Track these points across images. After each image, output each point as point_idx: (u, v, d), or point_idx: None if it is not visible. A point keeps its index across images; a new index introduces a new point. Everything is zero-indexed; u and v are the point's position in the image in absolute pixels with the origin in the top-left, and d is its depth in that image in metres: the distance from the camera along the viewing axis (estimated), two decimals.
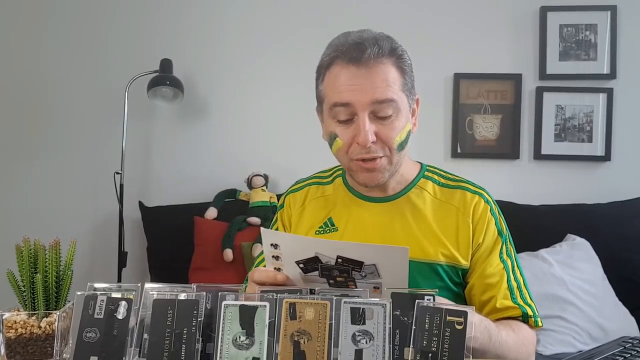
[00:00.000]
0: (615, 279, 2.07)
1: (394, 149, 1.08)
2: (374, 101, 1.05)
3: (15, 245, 0.92)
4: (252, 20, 2.55)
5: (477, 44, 2.48)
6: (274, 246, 0.91)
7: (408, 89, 1.11)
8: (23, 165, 2.60)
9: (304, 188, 1.27)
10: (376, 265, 0.86)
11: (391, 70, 1.07)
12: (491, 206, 1.16)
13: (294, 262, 0.90)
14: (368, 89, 1.04)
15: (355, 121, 1.07)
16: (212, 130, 2.56)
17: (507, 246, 1.15)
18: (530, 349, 1.08)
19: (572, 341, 1.88)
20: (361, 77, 1.05)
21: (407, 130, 1.11)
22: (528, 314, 1.09)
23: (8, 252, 1.00)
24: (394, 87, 1.06)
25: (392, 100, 1.06)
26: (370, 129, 1.05)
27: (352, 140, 1.08)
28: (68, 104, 2.59)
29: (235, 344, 0.75)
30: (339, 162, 1.17)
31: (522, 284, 1.13)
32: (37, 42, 2.60)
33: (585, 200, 2.34)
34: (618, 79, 2.43)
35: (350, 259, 0.86)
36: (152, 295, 0.79)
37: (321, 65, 1.12)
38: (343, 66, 1.06)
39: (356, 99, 1.05)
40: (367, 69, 1.05)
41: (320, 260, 0.88)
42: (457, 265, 1.11)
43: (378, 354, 0.74)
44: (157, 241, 2.41)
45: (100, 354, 0.77)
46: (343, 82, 1.06)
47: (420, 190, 1.18)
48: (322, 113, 1.15)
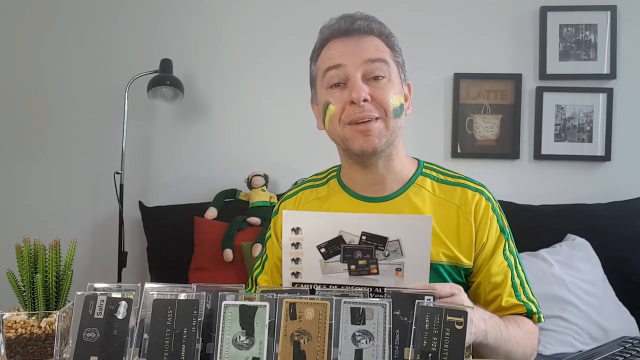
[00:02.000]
0: (615, 279, 2.07)
1: (389, 111, 1.07)
2: (365, 60, 1.06)
3: (15, 245, 0.92)
4: (252, 20, 2.55)
5: (477, 44, 2.48)
6: (294, 231, 0.91)
7: (399, 64, 1.13)
8: (23, 165, 2.60)
9: (297, 193, 1.25)
10: (400, 241, 0.87)
11: (380, 43, 1.10)
12: (492, 203, 1.15)
13: (315, 246, 0.90)
14: (359, 51, 1.07)
15: (348, 86, 1.07)
16: (212, 130, 2.56)
17: (509, 243, 1.15)
18: (534, 342, 1.09)
19: (572, 341, 1.88)
20: (351, 44, 1.08)
21: (401, 100, 1.11)
22: (532, 310, 1.10)
23: (8, 252, 1.00)
24: (384, 53, 1.09)
25: (383, 60, 1.08)
26: (364, 88, 1.05)
27: (345, 105, 1.07)
28: (68, 104, 2.59)
29: (235, 344, 0.75)
30: (333, 136, 1.13)
31: (525, 280, 1.14)
32: (37, 42, 2.60)
33: (585, 200, 2.34)
34: (618, 79, 2.43)
35: (375, 234, 0.87)
36: (152, 295, 0.79)
37: (314, 49, 1.15)
38: (335, 40, 1.10)
39: (347, 60, 1.06)
40: (357, 37, 1.08)
41: (344, 240, 0.88)
42: (459, 265, 1.11)
43: (378, 354, 0.74)
44: (157, 241, 2.41)
45: (100, 354, 0.77)
46: (334, 49, 1.09)
47: (419, 189, 1.15)
48: (316, 96, 1.15)
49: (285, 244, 0.93)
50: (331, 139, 1.15)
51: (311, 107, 1.20)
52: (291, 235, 0.91)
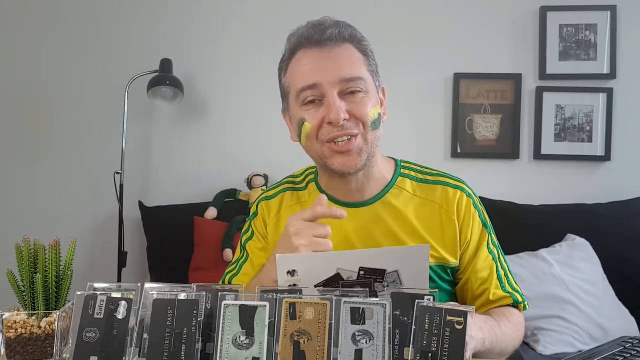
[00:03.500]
0: (615, 279, 2.07)
1: (368, 126, 1.04)
2: (341, 79, 1.02)
3: (15, 245, 0.92)
4: (252, 20, 2.55)
5: (477, 44, 2.48)
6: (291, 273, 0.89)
7: (373, 72, 1.08)
8: (23, 165, 2.60)
9: (277, 195, 1.22)
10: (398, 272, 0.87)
11: (353, 51, 1.06)
12: (473, 199, 1.15)
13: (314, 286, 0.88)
14: (334, 68, 1.02)
15: (324, 103, 1.03)
16: (212, 130, 2.56)
17: (492, 236, 1.16)
18: (522, 331, 1.11)
19: (572, 341, 1.88)
20: (325, 57, 1.03)
21: (378, 111, 1.07)
22: (518, 300, 1.12)
23: (8, 252, 1.00)
24: (359, 66, 1.05)
25: (360, 78, 1.04)
26: (342, 106, 1.02)
27: (322, 122, 1.03)
28: (68, 104, 2.59)
29: (235, 344, 0.75)
30: (310, 152, 1.11)
31: (508, 270, 1.15)
32: (38, 42, 2.60)
33: (585, 200, 2.34)
34: (618, 79, 2.43)
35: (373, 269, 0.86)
36: (152, 295, 0.79)
37: (282, 59, 1.10)
38: (305, 51, 1.05)
39: (323, 78, 1.02)
40: (329, 48, 1.04)
41: (342, 277, 0.87)
42: (446, 264, 1.11)
43: (378, 354, 0.74)
44: (157, 241, 2.41)
45: (100, 354, 0.77)
46: (306, 64, 1.04)
47: (400, 191, 1.14)
48: (289, 108, 1.11)
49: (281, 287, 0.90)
50: (307, 154, 1.12)
51: (283, 117, 1.17)
52: (287, 277, 0.89)
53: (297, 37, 1.06)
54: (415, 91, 2.47)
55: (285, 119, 1.16)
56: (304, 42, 1.05)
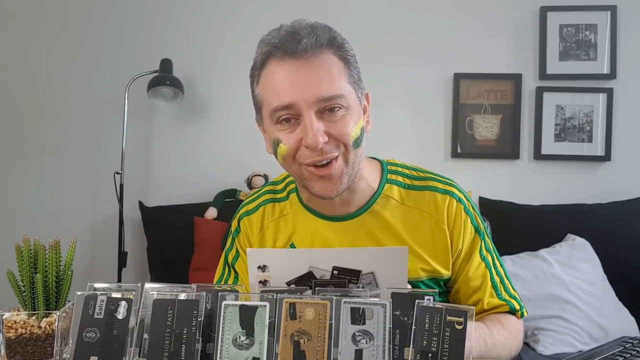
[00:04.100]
0: (615, 279, 2.07)
1: (349, 146, 0.95)
2: (319, 99, 0.92)
3: (15, 245, 0.92)
4: (252, 20, 2.55)
5: (477, 44, 2.48)
6: (261, 268, 0.86)
7: (355, 82, 0.98)
8: (23, 165, 2.60)
9: (258, 209, 1.13)
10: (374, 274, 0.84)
11: (333, 60, 0.95)
12: (464, 204, 1.07)
13: (285, 283, 0.86)
14: (311, 85, 0.92)
15: (300, 122, 0.94)
16: (212, 130, 2.56)
17: (485, 241, 1.09)
18: (519, 339, 1.07)
19: (572, 341, 1.88)
20: (300, 71, 0.92)
21: (361, 126, 0.98)
22: (515, 307, 1.08)
23: (8, 252, 1.00)
24: (339, 80, 0.94)
25: (340, 95, 0.94)
26: (320, 129, 0.92)
27: (299, 145, 0.95)
28: (68, 104, 2.59)
29: (235, 344, 0.75)
30: (288, 171, 1.03)
31: (504, 276, 1.10)
32: (38, 42, 2.60)
33: (585, 200, 2.34)
34: (618, 79, 2.43)
35: (347, 269, 0.83)
36: (152, 295, 0.79)
37: (254, 66, 1.00)
38: (278, 61, 0.94)
39: (299, 97, 0.92)
40: (305, 60, 0.92)
41: (315, 275, 0.85)
42: (438, 277, 1.06)
43: (378, 354, 0.74)
44: (157, 241, 2.41)
45: (100, 354, 0.77)
46: (281, 79, 0.94)
47: (387, 199, 1.06)
48: (262, 121, 1.03)
49: (252, 282, 0.87)
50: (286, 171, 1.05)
51: (257, 127, 1.08)
52: (258, 272, 0.86)
53: (269, 45, 0.96)
54: (415, 91, 2.47)
55: (260, 129, 1.08)
56: (276, 52, 0.94)
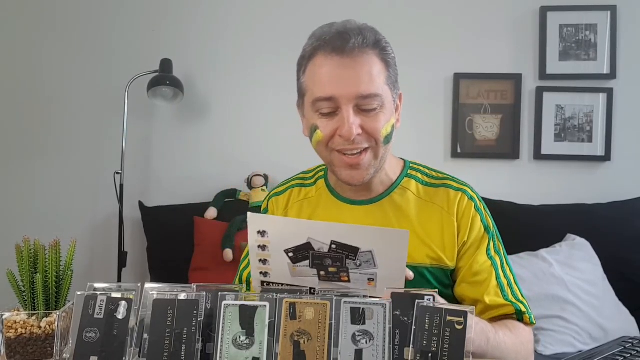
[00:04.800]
0: (615, 279, 2.07)
1: (380, 141, 1.05)
2: (358, 95, 1.01)
3: (15, 245, 0.92)
4: (252, 20, 2.55)
5: (477, 44, 2.48)
6: (261, 234, 0.87)
7: (392, 83, 1.07)
8: (23, 165, 2.60)
9: (286, 191, 1.24)
10: (372, 252, 0.84)
11: (375, 62, 1.04)
12: (475, 202, 1.14)
13: (283, 250, 0.86)
14: (352, 82, 1.01)
15: (338, 114, 1.04)
16: (212, 130, 2.56)
17: (495, 242, 1.13)
18: (530, 348, 1.06)
19: (572, 341, 1.88)
20: (345, 68, 1.02)
21: (392, 124, 1.08)
22: (521, 310, 1.07)
23: (8, 252, 1.00)
24: (378, 81, 1.03)
25: (377, 95, 1.03)
26: (355, 122, 1.02)
27: (334, 133, 1.04)
28: (68, 104, 2.59)
29: (235, 344, 0.75)
30: (319, 155, 1.12)
31: (513, 281, 1.11)
32: (38, 42, 2.60)
33: (585, 200, 2.34)
34: (618, 79, 2.43)
35: (346, 244, 0.84)
36: (152, 295, 0.79)
37: (303, 57, 1.09)
38: (326, 56, 1.03)
39: (340, 92, 1.01)
40: (351, 59, 1.02)
41: (313, 247, 0.85)
42: (443, 266, 1.10)
43: (378, 354, 0.74)
44: (157, 241, 2.41)
45: (100, 354, 0.77)
46: (326, 73, 1.03)
47: (404, 191, 1.15)
48: (303, 106, 1.12)
49: (251, 245, 0.89)
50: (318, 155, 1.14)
51: (297, 109, 1.17)
52: (257, 237, 0.88)
53: (319, 40, 1.04)
54: (415, 91, 2.46)
55: (299, 112, 1.16)
56: (325, 47, 1.03)
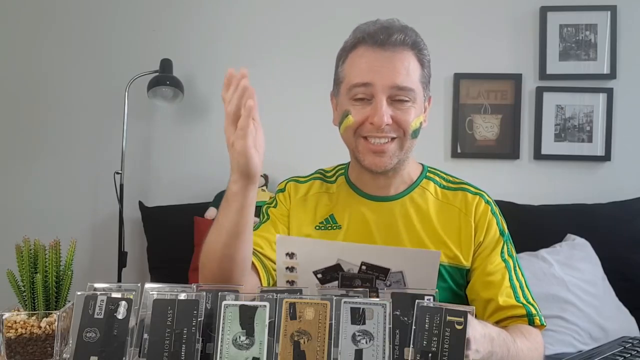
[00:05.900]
0: (615, 279, 2.07)
1: (408, 133, 1.09)
2: (393, 86, 1.06)
3: (15, 245, 0.92)
4: (252, 20, 2.55)
5: (477, 44, 2.48)
6: (289, 255, 0.88)
7: (425, 83, 1.13)
8: (23, 165, 2.60)
9: (309, 181, 1.27)
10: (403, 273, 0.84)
11: (412, 59, 1.09)
12: (492, 206, 1.18)
13: (312, 272, 0.86)
14: (390, 73, 1.06)
15: (372, 102, 1.08)
16: (212, 130, 2.56)
17: (509, 246, 1.16)
18: (541, 352, 1.07)
19: (572, 341, 1.88)
20: (384, 59, 1.07)
21: (420, 120, 1.13)
22: (532, 312, 1.09)
23: (8, 252, 1.00)
24: (413, 76, 1.09)
25: (411, 89, 1.08)
26: (387, 112, 1.07)
27: (365, 120, 1.08)
28: (68, 104, 2.59)
29: (235, 344, 0.75)
30: (345, 142, 1.16)
31: (524, 284, 1.14)
32: (37, 42, 2.60)
33: (585, 200, 2.34)
34: (618, 79, 2.43)
35: (376, 265, 0.84)
36: (152, 295, 0.79)
37: (344, 48, 1.14)
38: (367, 48, 1.09)
39: (377, 80, 1.06)
40: (391, 52, 1.07)
41: (342, 268, 0.85)
42: (459, 265, 1.12)
43: (378, 354, 0.74)
44: (157, 241, 2.41)
45: (100, 354, 0.77)
46: (365, 62, 1.08)
47: (423, 191, 1.18)
48: (338, 95, 1.15)
49: (279, 267, 0.90)
50: (343, 141, 1.17)
51: (330, 99, 1.21)
52: (285, 259, 0.88)
53: (364, 33, 1.10)
54: None
55: (332, 102, 1.20)
56: (368, 39, 1.09)
